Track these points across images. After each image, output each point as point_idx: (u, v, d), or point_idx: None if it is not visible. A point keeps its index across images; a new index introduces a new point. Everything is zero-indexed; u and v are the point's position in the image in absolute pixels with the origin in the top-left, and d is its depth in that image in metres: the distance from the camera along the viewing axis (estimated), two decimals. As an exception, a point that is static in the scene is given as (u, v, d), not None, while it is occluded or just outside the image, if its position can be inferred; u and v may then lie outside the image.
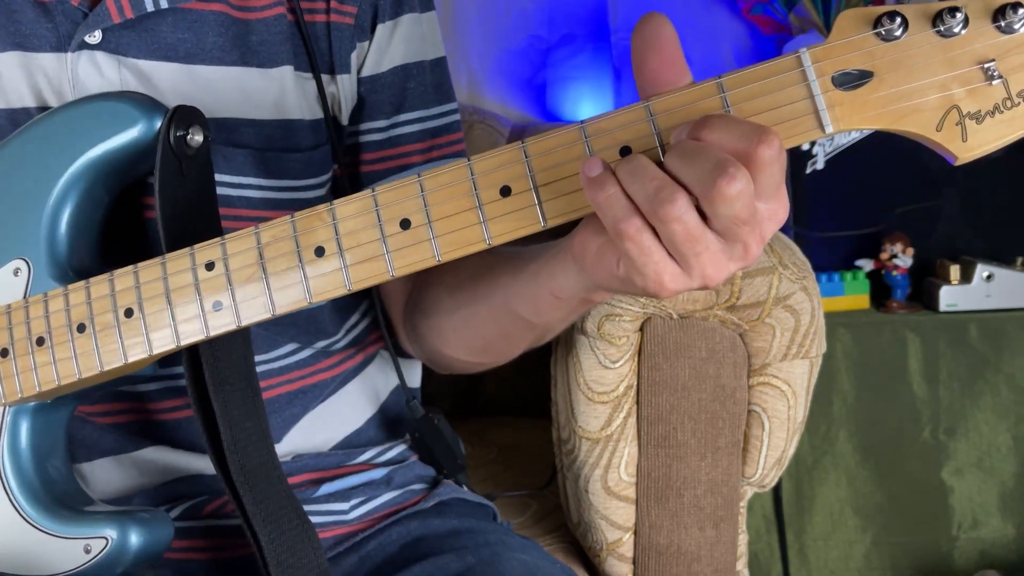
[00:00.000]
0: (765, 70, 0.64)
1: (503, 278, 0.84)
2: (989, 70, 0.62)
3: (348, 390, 1.01)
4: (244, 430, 0.82)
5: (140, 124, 0.82)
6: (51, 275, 0.82)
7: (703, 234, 0.62)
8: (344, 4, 0.94)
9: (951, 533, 2.00)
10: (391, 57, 0.96)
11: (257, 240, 0.74)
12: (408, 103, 0.97)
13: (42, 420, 0.84)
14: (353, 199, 0.71)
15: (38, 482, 0.83)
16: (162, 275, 0.76)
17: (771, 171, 0.61)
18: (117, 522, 0.81)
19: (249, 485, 0.81)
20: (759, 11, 2.37)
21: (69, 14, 0.88)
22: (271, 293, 0.74)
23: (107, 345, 0.78)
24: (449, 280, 0.93)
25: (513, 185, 0.67)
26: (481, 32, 2.39)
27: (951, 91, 0.62)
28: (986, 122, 0.62)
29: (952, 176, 2.05)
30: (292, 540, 0.82)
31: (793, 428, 1.16)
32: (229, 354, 0.82)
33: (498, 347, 0.92)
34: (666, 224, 0.61)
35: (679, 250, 0.62)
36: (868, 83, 0.63)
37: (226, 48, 0.90)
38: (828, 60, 0.63)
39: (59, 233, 0.83)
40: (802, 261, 1.14)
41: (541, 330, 0.87)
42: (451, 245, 0.69)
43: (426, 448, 1.04)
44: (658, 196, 0.61)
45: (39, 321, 0.80)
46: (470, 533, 0.94)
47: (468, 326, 0.91)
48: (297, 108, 0.93)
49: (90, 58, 0.88)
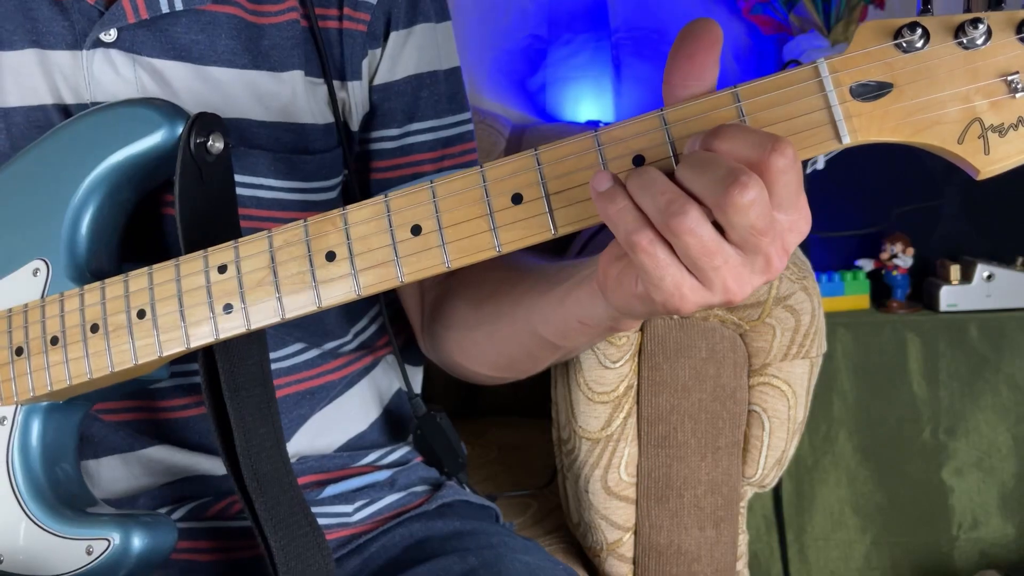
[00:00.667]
0: (782, 80, 0.63)
1: (527, 298, 0.83)
2: (1013, 83, 0.61)
3: (354, 392, 1.02)
4: (258, 436, 0.83)
5: (163, 130, 0.83)
6: (69, 276, 0.83)
7: (720, 247, 0.61)
8: (357, 11, 0.94)
9: (951, 533, 2.01)
10: (404, 66, 0.97)
11: (269, 244, 0.74)
12: (420, 112, 0.97)
13: (54, 421, 0.84)
14: (365, 204, 0.72)
15: (45, 482, 0.83)
16: (175, 277, 0.77)
17: (786, 180, 0.60)
18: (120, 525, 0.81)
19: (262, 490, 0.82)
20: (759, 11, 2.38)
21: (85, 12, 0.89)
22: (281, 297, 0.74)
23: (118, 345, 0.79)
24: (471, 293, 0.93)
25: (525, 193, 0.67)
26: (481, 32, 2.39)
27: (973, 103, 0.61)
28: (1009, 135, 0.61)
29: (952, 176, 2.05)
30: (302, 546, 0.83)
31: (793, 428, 1.16)
32: (245, 360, 0.83)
33: (522, 365, 0.92)
34: (679, 237, 0.60)
35: (696, 264, 0.61)
36: (887, 94, 0.62)
37: (237, 51, 0.91)
38: (846, 71, 0.63)
39: (79, 235, 0.84)
40: (802, 261, 1.14)
41: (566, 352, 0.87)
42: (461, 252, 0.69)
43: (428, 446, 1.04)
44: (669, 209, 0.60)
45: (54, 320, 0.81)
46: (472, 535, 0.94)
47: (491, 342, 0.91)
48: (308, 112, 0.93)
49: (105, 56, 0.89)
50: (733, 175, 0.58)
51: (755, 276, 0.62)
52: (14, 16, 0.90)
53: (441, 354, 1.00)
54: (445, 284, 0.98)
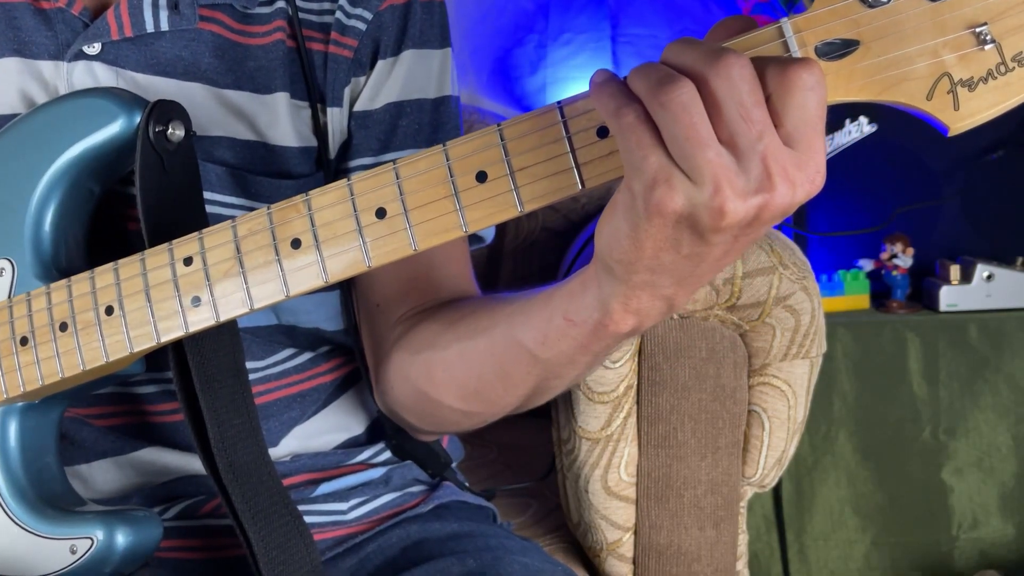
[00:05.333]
0: (745, 43, 0.61)
1: (508, 308, 0.80)
2: (981, 34, 0.59)
3: (347, 397, 1.01)
4: (233, 427, 0.82)
5: (120, 119, 0.81)
6: (36, 275, 0.81)
7: (711, 139, 0.57)
8: (344, 36, 0.92)
9: (951, 533, 2.01)
10: (386, 93, 0.93)
11: (234, 233, 0.73)
12: (397, 142, 0.93)
13: (31, 420, 0.83)
14: (328, 189, 0.70)
15: (27, 482, 0.82)
16: (141, 271, 0.76)
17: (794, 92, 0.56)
18: (103, 522, 0.80)
19: (238, 482, 0.81)
20: (759, 11, 2.38)
21: (69, 23, 0.88)
22: (248, 288, 0.73)
23: (88, 343, 0.78)
24: (446, 315, 0.90)
25: (489, 170, 0.66)
26: (481, 32, 2.39)
27: (941, 58, 0.59)
28: (979, 89, 0.59)
29: (952, 176, 2.05)
30: (283, 537, 0.82)
31: (793, 428, 1.16)
32: (217, 352, 0.82)
33: (492, 392, 0.85)
34: (669, 110, 0.57)
35: (684, 151, 0.57)
36: (854, 52, 0.60)
37: (221, 70, 0.90)
38: (810, 30, 0.60)
39: (43, 232, 0.82)
40: (802, 261, 1.14)
41: (543, 370, 0.80)
42: (428, 233, 0.68)
43: (407, 455, 1.02)
44: (661, 81, 0.57)
45: (22, 321, 0.80)
46: (470, 537, 0.94)
47: (462, 361, 0.85)
48: (288, 135, 0.91)
49: (87, 68, 0.88)
50: (724, 49, 0.57)
51: (750, 187, 0.58)
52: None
53: (399, 392, 0.93)
54: (421, 311, 0.94)
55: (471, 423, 0.91)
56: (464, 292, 0.95)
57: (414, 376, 0.90)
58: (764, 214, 0.59)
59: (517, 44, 2.40)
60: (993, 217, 2.09)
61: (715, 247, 0.62)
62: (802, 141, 0.58)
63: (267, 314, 0.93)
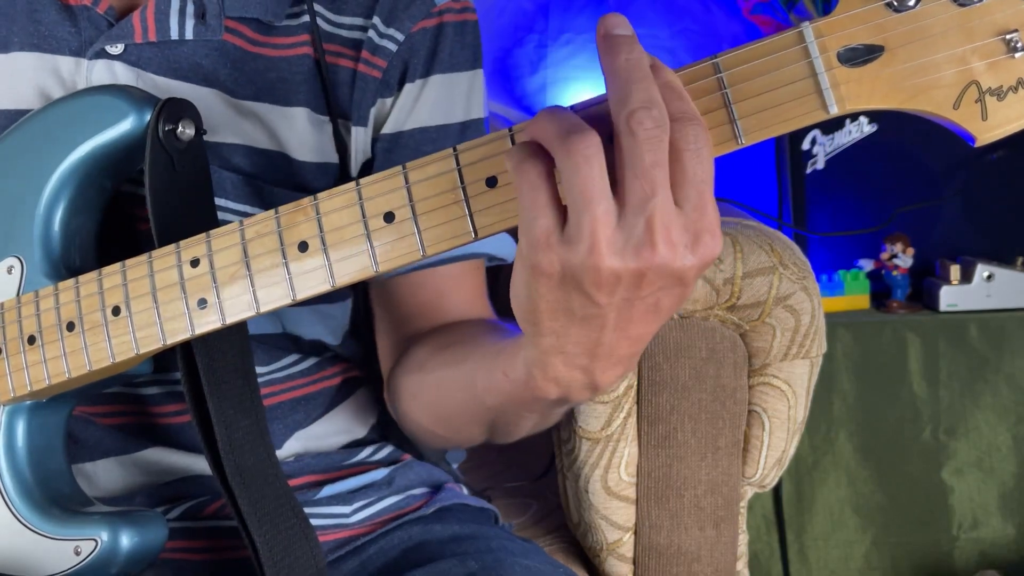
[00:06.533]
0: (764, 47, 0.60)
1: (485, 348, 0.81)
2: (1011, 41, 0.57)
3: (350, 402, 1.01)
4: (240, 428, 0.82)
5: (131, 117, 0.80)
6: (44, 273, 0.81)
7: (603, 192, 0.56)
8: (375, 56, 0.91)
9: (951, 533, 2.00)
10: (414, 119, 0.93)
11: (242, 236, 0.73)
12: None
13: (39, 420, 0.83)
14: (337, 192, 0.70)
15: (33, 482, 0.82)
16: (148, 272, 0.76)
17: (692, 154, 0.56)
18: (108, 523, 0.80)
19: (245, 485, 0.81)
20: (759, 11, 2.38)
21: (94, 21, 0.88)
22: (255, 291, 0.72)
23: (95, 344, 0.78)
24: (438, 339, 0.91)
25: (500, 176, 0.65)
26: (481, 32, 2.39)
27: (970, 65, 0.57)
28: (1008, 98, 0.57)
29: (952, 176, 2.05)
30: (288, 539, 0.82)
31: (793, 428, 1.16)
32: (225, 354, 0.81)
33: (455, 421, 0.88)
34: (572, 159, 0.56)
35: (575, 200, 0.57)
36: (878, 59, 0.58)
37: (241, 81, 0.89)
38: (833, 35, 0.59)
39: (52, 231, 0.82)
40: (802, 261, 1.14)
41: (487, 418, 0.82)
42: (436, 238, 0.67)
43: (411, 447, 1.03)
44: (570, 132, 0.57)
45: (31, 320, 0.80)
46: (472, 539, 0.94)
47: (438, 389, 0.87)
48: (307, 149, 0.91)
49: (107, 66, 0.88)
50: (633, 110, 0.56)
51: (629, 245, 0.57)
52: (17, 18, 0.89)
53: (396, 404, 0.96)
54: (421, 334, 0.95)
55: (448, 445, 0.94)
56: (472, 316, 0.95)
57: (403, 394, 0.92)
58: (650, 275, 0.58)
59: (517, 44, 2.40)
60: (993, 217, 2.09)
61: (606, 309, 0.60)
62: (696, 196, 0.57)
63: (272, 322, 0.93)
